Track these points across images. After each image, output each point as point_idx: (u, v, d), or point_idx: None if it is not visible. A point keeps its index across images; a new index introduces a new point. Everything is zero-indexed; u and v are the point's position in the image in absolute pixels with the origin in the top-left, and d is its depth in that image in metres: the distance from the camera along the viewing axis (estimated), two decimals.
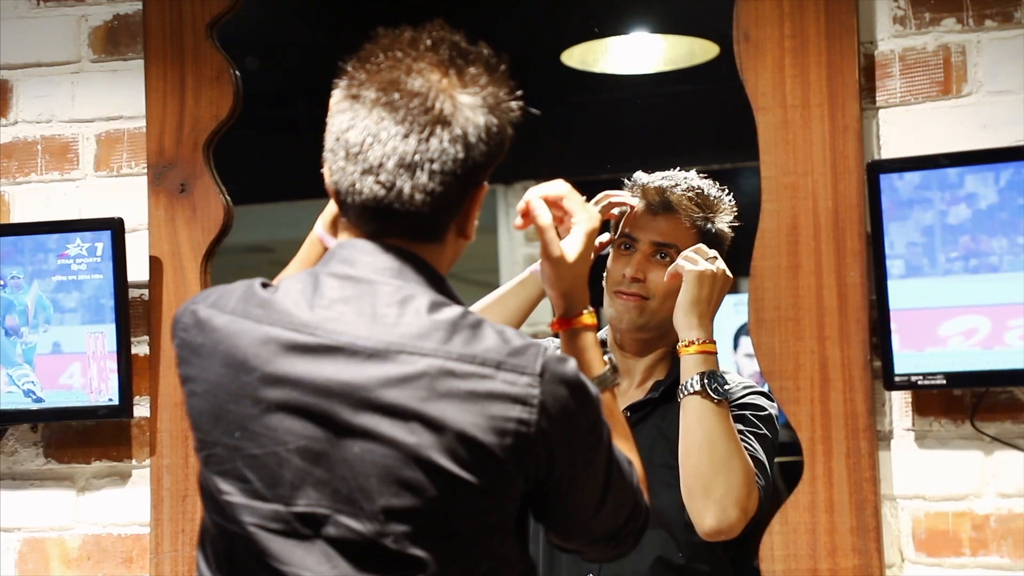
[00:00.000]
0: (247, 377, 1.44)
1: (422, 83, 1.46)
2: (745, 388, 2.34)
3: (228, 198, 2.57)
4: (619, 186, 2.42)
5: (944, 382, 2.17)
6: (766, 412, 2.30)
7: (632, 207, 2.36)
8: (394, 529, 1.40)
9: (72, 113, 2.66)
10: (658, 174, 2.40)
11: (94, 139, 2.65)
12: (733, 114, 2.68)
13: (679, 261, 2.24)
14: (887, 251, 2.19)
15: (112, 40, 2.65)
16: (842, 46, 2.27)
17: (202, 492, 1.51)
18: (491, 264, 6.16)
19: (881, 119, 2.29)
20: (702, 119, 4.77)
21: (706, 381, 2.17)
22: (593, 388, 1.50)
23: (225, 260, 2.67)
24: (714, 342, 2.22)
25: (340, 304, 1.45)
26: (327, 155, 1.52)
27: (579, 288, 1.67)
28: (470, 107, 1.46)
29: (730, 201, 2.39)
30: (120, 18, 2.64)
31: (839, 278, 2.25)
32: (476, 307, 2.32)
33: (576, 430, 1.46)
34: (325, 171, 1.54)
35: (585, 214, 1.67)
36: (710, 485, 2.16)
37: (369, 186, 1.46)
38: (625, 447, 1.61)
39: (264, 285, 1.50)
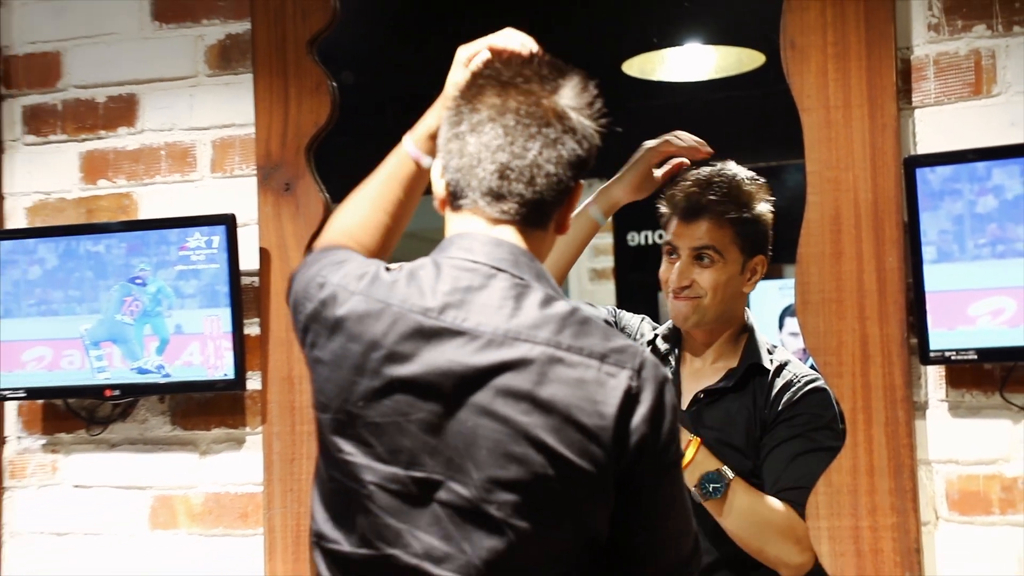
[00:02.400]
0: (375, 354, 1.43)
1: (536, 88, 1.47)
2: (808, 383, 2.26)
3: (327, 195, 2.56)
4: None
5: (975, 357, 2.12)
6: (825, 417, 2.24)
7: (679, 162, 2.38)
8: (498, 498, 1.39)
9: (191, 122, 2.67)
10: (692, 174, 2.35)
11: (210, 145, 2.66)
12: (777, 117, 2.64)
13: None
14: (922, 238, 2.14)
15: (225, 56, 2.65)
16: (880, 51, 2.21)
17: (321, 449, 1.50)
18: None
19: (917, 118, 2.23)
20: (750, 121, 4.72)
21: (699, 490, 2.12)
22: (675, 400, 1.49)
23: None
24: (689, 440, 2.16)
25: (462, 292, 1.44)
26: (441, 157, 1.51)
27: None
28: (576, 111, 1.48)
29: (763, 184, 2.34)
30: (232, 37, 2.65)
31: (878, 263, 2.20)
32: None
33: (663, 424, 1.43)
34: (435, 174, 1.53)
35: None
36: (762, 554, 2.17)
37: (494, 168, 1.46)
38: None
39: (386, 269, 1.50)
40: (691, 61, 4.37)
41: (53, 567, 2.70)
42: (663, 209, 2.36)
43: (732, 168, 2.35)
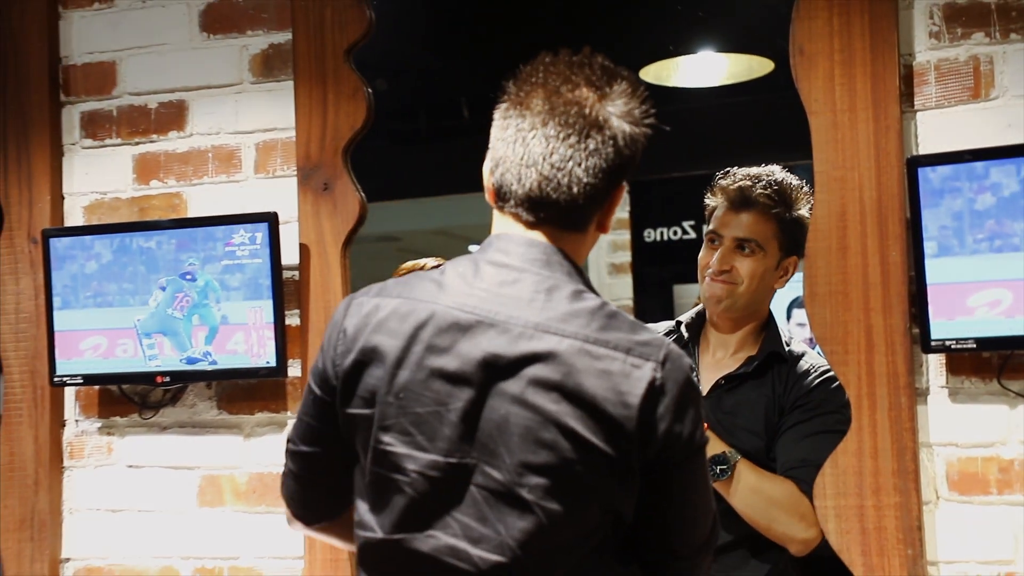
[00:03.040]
0: (416, 347, 1.42)
1: (580, 95, 1.44)
2: (823, 373, 2.25)
3: (363, 195, 2.56)
4: (701, 180, 2.38)
5: (974, 346, 2.10)
6: (836, 403, 2.22)
7: None
8: (529, 481, 1.38)
9: (236, 126, 2.67)
10: (743, 171, 2.34)
11: (254, 147, 2.66)
12: (785, 120, 2.63)
13: None
14: (923, 234, 2.12)
15: (267, 65, 2.65)
16: (884, 58, 2.19)
17: (360, 444, 1.47)
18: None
19: (919, 120, 2.21)
20: (759, 124, 4.70)
21: (710, 471, 2.10)
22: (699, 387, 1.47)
23: (360, 247, 2.68)
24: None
25: (496, 288, 1.43)
26: (491, 156, 1.49)
27: None
28: (618, 117, 1.44)
29: (807, 191, 2.33)
30: (274, 46, 2.65)
31: (882, 257, 2.18)
32: None
33: (687, 413, 1.42)
34: (486, 171, 1.52)
35: None
36: (770, 531, 2.16)
37: (534, 178, 1.44)
38: None
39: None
40: (704, 68, 4.35)
41: (109, 541, 2.72)
42: (710, 199, 2.35)
43: (779, 172, 2.34)
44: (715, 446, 2.13)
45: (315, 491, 1.58)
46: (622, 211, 5.67)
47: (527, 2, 3.91)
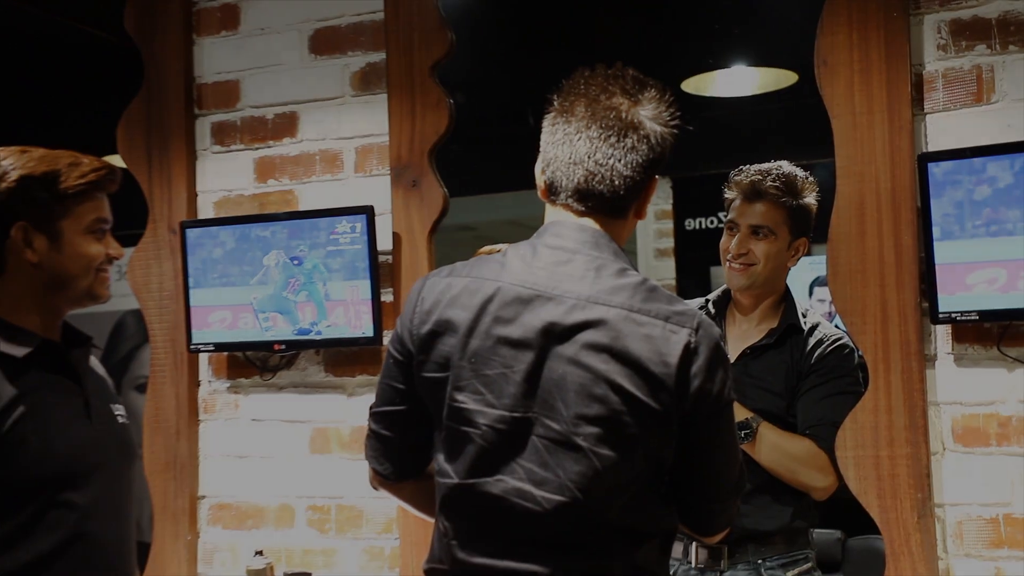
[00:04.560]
0: (485, 318, 1.43)
1: (616, 102, 1.45)
2: (835, 341, 2.22)
3: (446, 190, 2.57)
4: (725, 177, 2.36)
5: (976, 317, 2.07)
6: (848, 367, 2.19)
7: None
8: (584, 430, 1.38)
9: (339, 132, 2.70)
10: (755, 167, 2.32)
11: (354, 151, 2.68)
12: (808, 124, 2.59)
13: None
14: (932, 220, 2.09)
15: (365, 80, 2.67)
16: (897, 67, 2.16)
17: (434, 405, 1.48)
18: (630, 246, 6.14)
19: (928, 122, 2.17)
20: (785, 128, 4.64)
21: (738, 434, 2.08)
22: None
23: (442, 235, 2.69)
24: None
25: (552, 266, 1.44)
26: (542, 158, 1.50)
27: None
28: (650, 119, 1.45)
29: (812, 181, 2.30)
30: (371, 64, 2.67)
31: (896, 241, 2.15)
32: None
33: (717, 372, 1.42)
34: (537, 171, 1.52)
35: None
36: (794, 481, 2.15)
37: (581, 173, 1.45)
38: None
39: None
40: (738, 80, 4.31)
41: (237, 481, 2.78)
42: (728, 193, 2.33)
43: (787, 166, 2.32)
44: (739, 412, 2.12)
45: (400, 446, 1.57)
46: (666, 203, 5.64)
47: (583, 25, 3.90)
